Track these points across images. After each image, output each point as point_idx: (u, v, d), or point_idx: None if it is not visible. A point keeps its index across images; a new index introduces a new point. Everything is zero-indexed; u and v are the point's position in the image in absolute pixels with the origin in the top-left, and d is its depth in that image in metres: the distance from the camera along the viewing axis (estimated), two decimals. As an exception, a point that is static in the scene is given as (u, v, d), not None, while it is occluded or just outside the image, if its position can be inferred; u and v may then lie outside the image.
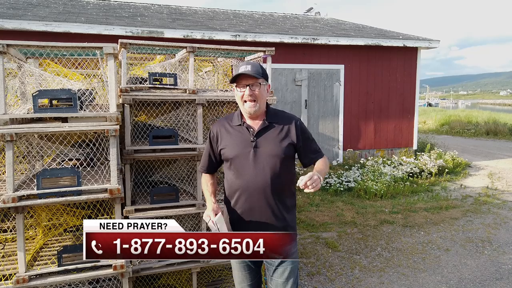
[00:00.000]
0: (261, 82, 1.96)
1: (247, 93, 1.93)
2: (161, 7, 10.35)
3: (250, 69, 1.91)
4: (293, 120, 2.07)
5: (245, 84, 1.93)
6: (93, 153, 2.62)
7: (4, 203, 2.11)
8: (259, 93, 1.96)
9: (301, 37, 8.34)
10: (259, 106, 1.98)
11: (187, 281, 3.10)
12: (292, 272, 2.02)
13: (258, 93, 1.95)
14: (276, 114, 2.09)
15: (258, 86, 1.95)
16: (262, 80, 1.97)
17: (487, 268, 3.96)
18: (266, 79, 2.00)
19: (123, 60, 2.90)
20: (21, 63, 2.61)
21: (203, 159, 2.20)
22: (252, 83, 1.93)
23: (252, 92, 1.94)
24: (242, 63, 1.99)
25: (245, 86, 1.93)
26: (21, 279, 2.18)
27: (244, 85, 1.94)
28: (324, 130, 8.98)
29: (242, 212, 2.00)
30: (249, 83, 1.93)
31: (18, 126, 2.22)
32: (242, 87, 1.95)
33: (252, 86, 1.94)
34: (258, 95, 1.95)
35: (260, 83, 1.96)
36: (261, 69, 1.97)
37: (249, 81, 1.93)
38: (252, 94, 1.94)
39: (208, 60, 3.86)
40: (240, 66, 1.96)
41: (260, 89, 1.96)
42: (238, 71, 1.93)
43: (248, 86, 1.93)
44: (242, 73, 1.91)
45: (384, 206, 6.17)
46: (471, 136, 15.84)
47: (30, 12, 7.54)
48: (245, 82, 1.94)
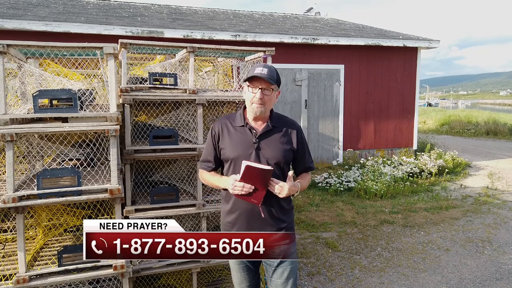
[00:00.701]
0: (273, 88, 1.97)
1: (258, 96, 1.93)
2: (161, 7, 10.35)
3: (266, 73, 1.91)
4: (295, 127, 2.09)
5: (258, 86, 1.93)
6: (93, 153, 2.62)
7: (4, 203, 2.11)
8: (269, 98, 1.97)
9: (301, 37, 8.34)
10: (266, 109, 1.98)
11: (187, 281, 3.10)
12: (292, 272, 2.02)
13: (268, 98, 1.96)
14: (279, 118, 2.09)
15: (270, 92, 1.96)
16: (275, 87, 1.98)
17: (487, 268, 3.96)
18: (278, 86, 2.01)
19: (123, 60, 2.90)
20: (21, 63, 2.61)
21: (204, 155, 2.13)
22: (265, 87, 1.94)
23: (263, 96, 1.94)
24: (259, 64, 1.99)
25: (258, 88, 1.93)
26: (21, 279, 2.18)
27: (257, 87, 1.94)
28: (324, 130, 8.98)
29: (240, 213, 1.99)
30: (262, 87, 1.93)
31: (18, 126, 2.22)
32: (254, 88, 1.95)
33: (264, 90, 1.94)
34: (267, 100, 1.96)
35: (273, 89, 1.97)
36: (276, 75, 1.97)
37: (263, 85, 1.94)
38: (263, 98, 1.94)
39: (208, 60, 3.86)
40: (257, 66, 1.95)
41: (271, 94, 1.97)
42: (253, 71, 1.93)
43: (261, 89, 1.93)
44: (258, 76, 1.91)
45: (384, 206, 6.17)
46: (471, 136, 15.84)
47: (30, 12, 7.54)
48: (259, 84, 1.94)
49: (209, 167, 2.10)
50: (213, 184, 2.08)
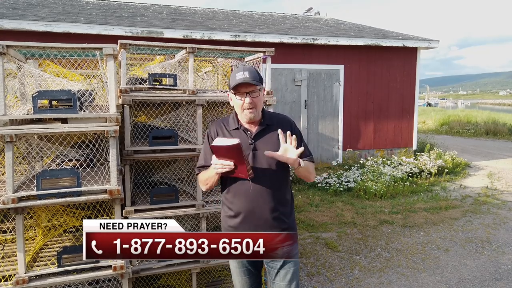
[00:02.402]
0: (259, 88, 1.95)
1: (248, 101, 1.91)
2: (161, 7, 10.35)
3: (248, 76, 1.88)
4: (288, 122, 2.08)
5: (245, 92, 1.91)
6: (93, 154, 2.62)
7: (4, 204, 2.11)
8: (258, 99, 1.95)
9: (300, 37, 8.34)
10: (258, 112, 1.97)
11: (186, 281, 3.10)
12: (295, 274, 2.01)
13: (257, 99, 1.94)
14: (272, 116, 2.09)
15: (258, 93, 1.94)
16: (260, 86, 1.95)
17: (486, 268, 3.96)
18: (262, 83, 1.98)
19: (123, 60, 2.90)
20: (21, 63, 2.61)
21: (201, 158, 2.09)
22: (251, 90, 1.91)
23: (252, 100, 1.92)
24: (238, 69, 1.95)
25: (245, 94, 1.91)
26: (21, 280, 2.18)
27: (244, 93, 1.91)
28: (323, 130, 8.98)
29: (241, 216, 1.98)
30: (249, 91, 1.91)
31: (17, 127, 2.22)
32: (241, 95, 1.92)
33: (252, 93, 1.92)
34: (257, 102, 1.94)
35: (259, 90, 1.95)
36: (257, 74, 1.95)
37: (249, 89, 1.91)
38: (252, 101, 1.92)
39: (208, 60, 3.86)
40: (237, 73, 1.91)
41: (259, 95, 1.95)
42: (235, 78, 1.90)
43: (248, 94, 1.91)
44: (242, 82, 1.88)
45: (384, 206, 6.17)
46: (471, 136, 15.85)
47: (29, 12, 7.54)
48: (245, 90, 1.91)
49: (199, 170, 2.07)
50: (207, 179, 1.98)
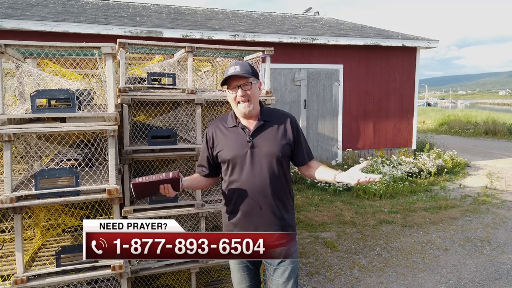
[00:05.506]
0: (252, 81, 1.94)
1: (240, 93, 1.91)
2: (160, 7, 10.34)
3: (239, 70, 1.89)
4: (288, 118, 2.05)
5: (236, 85, 1.92)
6: (92, 153, 2.61)
7: (2, 203, 2.10)
8: (251, 92, 1.94)
9: (300, 37, 8.34)
10: (253, 105, 1.96)
11: (186, 281, 3.09)
12: (293, 272, 2.01)
13: (251, 92, 1.94)
14: (271, 112, 2.07)
15: (250, 86, 1.93)
16: (253, 79, 1.94)
17: (486, 268, 3.96)
18: (256, 77, 1.98)
19: (122, 60, 2.89)
20: (19, 63, 2.60)
21: (199, 160, 2.17)
22: (243, 83, 1.92)
23: (245, 92, 1.92)
24: (231, 64, 1.96)
25: (237, 87, 1.92)
26: (19, 279, 2.17)
27: (235, 86, 1.92)
28: (323, 130, 8.98)
29: (241, 214, 1.98)
30: (240, 84, 1.91)
31: (16, 126, 2.21)
32: (233, 88, 1.93)
33: (244, 86, 1.92)
34: (250, 94, 1.94)
35: (251, 82, 1.94)
36: (250, 68, 1.95)
37: (240, 82, 1.92)
38: (245, 94, 1.92)
39: (207, 60, 3.85)
40: (229, 68, 1.93)
41: (252, 88, 1.94)
42: (227, 73, 1.91)
43: (240, 86, 1.91)
44: (232, 75, 1.89)
45: (383, 206, 6.17)
46: (470, 135, 15.87)
47: (28, 12, 7.52)
48: (236, 83, 1.92)
49: (203, 172, 2.13)
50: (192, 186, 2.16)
